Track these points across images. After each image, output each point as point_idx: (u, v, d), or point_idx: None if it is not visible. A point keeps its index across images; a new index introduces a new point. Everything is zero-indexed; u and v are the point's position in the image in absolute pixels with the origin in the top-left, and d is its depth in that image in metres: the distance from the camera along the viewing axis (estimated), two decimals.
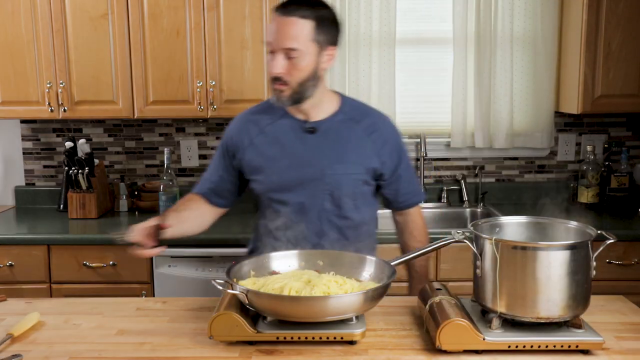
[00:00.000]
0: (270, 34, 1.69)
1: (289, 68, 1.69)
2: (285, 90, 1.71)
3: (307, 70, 1.70)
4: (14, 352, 1.43)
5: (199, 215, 1.91)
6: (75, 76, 2.84)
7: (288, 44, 1.67)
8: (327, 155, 1.79)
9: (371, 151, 1.81)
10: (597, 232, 1.45)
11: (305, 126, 1.80)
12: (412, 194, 1.95)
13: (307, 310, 1.40)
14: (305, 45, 1.68)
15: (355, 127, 1.81)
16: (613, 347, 1.43)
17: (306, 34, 1.68)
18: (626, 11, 2.78)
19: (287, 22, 1.67)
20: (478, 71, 3.10)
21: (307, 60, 1.69)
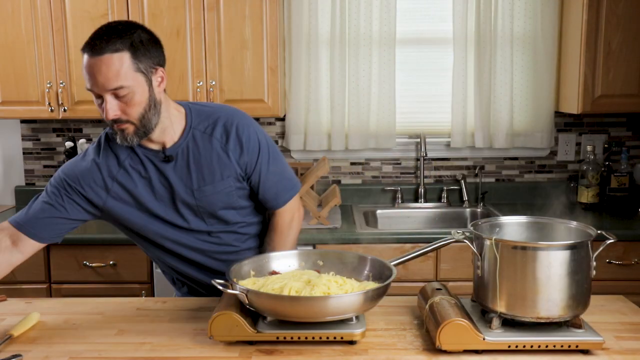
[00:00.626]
0: (88, 80, 1.52)
1: (123, 107, 1.54)
2: (128, 128, 1.57)
3: (143, 103, 1.56)
4: (14, 352, 1.43)
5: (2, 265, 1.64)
6: (75, 76, 2.84)
7: (112, 85, 1.50)
8: (194, 178, 1.68)
9: (233, 160, 1.70)
10: (597, 232, 1.45)
11: (161, 156, 1.67)
12: (276, 194, 1.80)
13: (307, 310, 1.40)
14: (131, 80, 1.53)
15: (211, 140, 1.69)
16: (613, 347, 1.43)
17: (126, 68, 1.52)
18: (626, 11, 2.78)
19: (102, 63, 1.50)
20: (478, 71, 3.10)
21: (139, 92, 1.55)
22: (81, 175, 1.67)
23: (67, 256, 2.64)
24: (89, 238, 2.64)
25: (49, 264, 2.65)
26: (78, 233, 2.69)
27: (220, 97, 2.83)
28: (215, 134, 1.70)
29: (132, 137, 1.58)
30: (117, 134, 1.58)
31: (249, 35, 2.80)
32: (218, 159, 1.69)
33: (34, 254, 1.68)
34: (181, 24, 2.80)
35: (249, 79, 2.83)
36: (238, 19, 2.79)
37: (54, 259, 2.65)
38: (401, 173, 3.28)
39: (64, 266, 2.65)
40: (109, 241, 2.63)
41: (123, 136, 1.58)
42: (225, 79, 2.83)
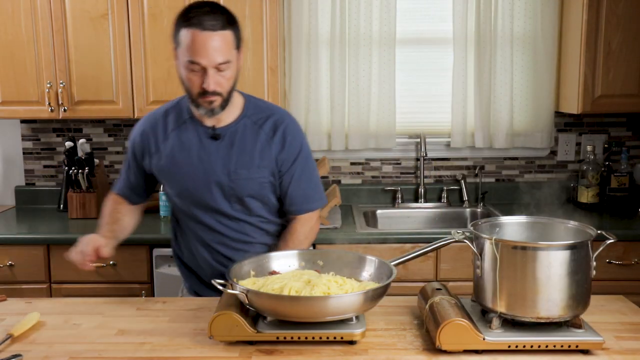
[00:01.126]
0: (196, 53, 1.65)
1: (220, 81, 1.70)
2: (216, 100, 1.72)
3: (233, 78, 1.74)
4: (14, 352, 1.43)
5: (127, 221, 1.96)
6: (75, 76, 2.84)
7: (221, 59, 1.67)
8: (232, 160, 1.80)
9: (274, 153, 1.82)
10: (597, 232, 1.45)
11: (210, 133, 1.81)
12: (301, 201, 1.89)
13: (307, 310, 1.40)
14: (233, 55, 1.71)
15: (259, 131, 1.83)
16: (613, 347, 1.43)
17: (230, 45, 1.70)
18: (626, 11, 2.78)
19: (215, 38, 1.65)
20: (478, 71, 3.10)
21: (233, 68, 1.72)
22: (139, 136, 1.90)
23: None
24: None
25: (49, 264, 2.65)
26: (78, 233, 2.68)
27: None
28: (264, 127, 1.83)
29: (218, 109, 1.73)
30: (202, 106, 1.72)
31: (249, 35, 2.80)
32: (261, 149, 1.81)
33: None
34: None
35: (249, 79, 2.82)
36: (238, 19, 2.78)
37: (54, 259, 2.65)
38: (401, 173, 3.28)
39: (64, 266, 2.64)
40: None
41: (210, 108, 1.72)
42: None
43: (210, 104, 1.72)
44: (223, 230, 1.85)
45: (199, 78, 1.69)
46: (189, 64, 1.68)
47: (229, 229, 1.86)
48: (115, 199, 1.99)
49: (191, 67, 1.68)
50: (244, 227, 1.86)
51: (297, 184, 1.85)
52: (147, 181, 1.95)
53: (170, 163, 1.83)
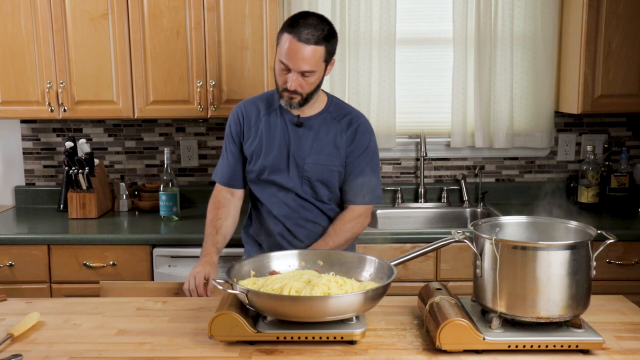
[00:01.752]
0: (287, 57, 1.89)
1: (302, 84, 1.93)
2: (295, 98, 1.96)
3: (316, 84, 1.98)
4: (14, 352, 1.43)
5: (228, 225, 2.15)
6: (75, 76, 2.84)
7: (306, 68, 1.90)
8: (309, 146, 2.04)
9: (344, 145, 2.06)
10: (597, 232, 1.45)
11: (295, 120, 2.05)
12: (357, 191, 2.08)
13: (307, 310, 1.40)
14: (318, 67, 1.93)
15: (336, 125, 2.07)
16: (613, 347, 1.43)
17: (319, 57, 1.92)
18: (626, 11, 2.78)
19: (305, 50, 1.88)
20: (478, 71, 3.10)
21: (317, 76, 1.95)
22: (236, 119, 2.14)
23: (67, 256, 2.64)
24: (89, 238, 2.64)
25: (49, 264, 2.65)
26: (78, 233, 2.69)
27: (220, 97, 2.83)
28: (341, 122, 2.07)
29: (296, 105, 1.98)
30: (284, 99, 1.97)
31: (249, 35, 2.80)
32: (334, 140, 2.05)
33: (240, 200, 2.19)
34: (181, 24, 2.80)
35: (249, 79, 2.83)
36: (238, 19, 2.79)
37: (54, 259, 2.65)
38: (401, 173, 3.28)
39: (64, 266, 2.65)
40: (109, 241, 2.63)
41: (289, 102, 1.97)
42: (225, 79, 2.83)
43: (290, 100, 1.96)
44: (292, 205, 2.07)
45: (285, 76, 1.93)
46: (280, 63, 1.93)
47: (296, 206, 2.07)
48: (216, 200, 2.16)
49: (282, 66, 1.92)
50: (309, 207, 2.08)
51: (357, 176, 2.07)
52: (244, 165, 2.14)
53: (259, 142, 2.07)
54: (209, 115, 2.85)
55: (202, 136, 3.24)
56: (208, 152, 3.25)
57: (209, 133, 3.23)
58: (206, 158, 3.25)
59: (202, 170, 3.27)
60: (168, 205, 2.88)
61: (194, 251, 2.62)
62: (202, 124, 3.22)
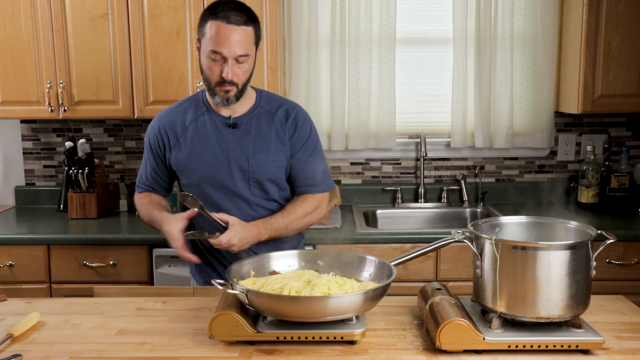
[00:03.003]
0: (218, 43, 1.78)
1: (237, 72, 1.82)
2: (232, 90, 1.84)
3: (249, 72, 1.87)
4: (14, 352, 1.43)
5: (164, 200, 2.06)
6: (75, 76, 2.84)
7: (241, 52, 1.80)
8: (250, 145, 1.92)
9: (287, 137, 1.95)
10: (597, 232, 1.45)
11: (227, 122, 1.93)
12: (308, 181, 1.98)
13: (307, 310, 1.40)
14: (251, 50, 1.84)
15: (273, 118, 1.95)
16: (613, 347, 1.43)
17: (251, 40, 1.83)
18: (626, 11, 2.78)
19: (237, 32, 1.79)
20: (478, 71, 3.10)
21: (251, 62, 1.86)
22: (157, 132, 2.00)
23: (67, 256, 2.64)
24: (89, 238, 2.64)
25: (49, 264, 2.65)
26: (78, 233, 2.69)
27: None
28: (277, 114, 1.96)
29: (233, 98, 1.86)
30: (219, 95, 1.85)
31: None
32: (276, 133, 1.94)
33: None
34: (181, 24, 2.80)
35: None
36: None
37: (54, 259, 2.65)
38: (401, 173, 3.28)
39: (64, 266, 2.65)
40: (109, 241, 2.63)
41: (226, 97, 1.85)
42: None
43: (227, 93, 1.84)
44: (240, 216, 1.89)
45: (219, 67, 1.81)
46: (211, 53, 1.80)
47: (246, 215, 1.92)
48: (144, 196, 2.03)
49: (213, 56, 1.80)
50: (260, 212, 1.95)
51: (305, 166, 1.97)
52: (165, 176, 2.04)
53: (191, 153, 1.93)
54: None
55: None
56: None
57: None
58: None
59: None
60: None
61: None
62: None
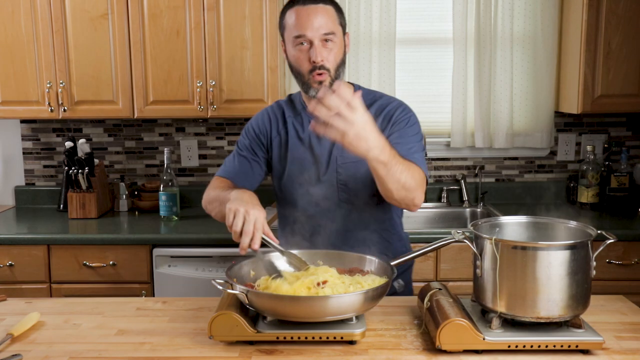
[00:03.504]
0: (301, 26, 1.72)
1: (327, 55, 1.74)
2: (326, 78, 1.75)
3: (340, 54, 1.78)
4: (14, 352, 1.43)
5: None
6: (75, 76, 2.84)
7: (325, 30, 1.73)
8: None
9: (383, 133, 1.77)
10: (597, 232, 1.45)
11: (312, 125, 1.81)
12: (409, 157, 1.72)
13: (307, 310, 1.40)
14: (337, 29, 1.76)
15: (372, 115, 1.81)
16: (613, 347, 1.43)
17: (334, 18, 1.76)
18: (626, 11, 2.78)
19: (317, 10, 1.73)
20: (478, 71, 3.10)
21: (339, 43, 1.77)
22: (256, 121, 1.94)
23: (67, 256, 2.64)
24: (89, 238, 2.64)
25: (49, 264, 2.65)
26: (78, 233, 2.69)
27: (220, 97, 2.83)
28: (372, 108, 1.83)
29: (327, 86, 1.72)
30: (313, 87, 1.76)
31: (249, 35, 2.80)
32: None
33: None
34: (181, 24, 2.80)
35: (249, 79, 2.83)
36: (238, 19, 2.79)
37: (54, 259, 2.65)
38: None
39: (64, 266, 2.65)
40: (109, 241, 2.63)
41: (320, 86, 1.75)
42: (225, 79, 2.83)
43: (321, 83, 1.75)
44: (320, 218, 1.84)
45: (306, 53, 1.74)
46: (295, 40, 1.74)
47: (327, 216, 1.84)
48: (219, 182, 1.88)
49: (298, 42, 1.74)
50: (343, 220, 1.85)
51: (404, 144, 1.76)
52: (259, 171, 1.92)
53: (286, 149, 1.88)
54: (209, 115, 2.85)
55: (202, 136, 3.24)
56: (208, 152, 3.25)
57: (209, 133, 3.23)
58: (206, 158, 3.25)
59: (202, 170, 3.27)
60: (168, 205, 2.88)
61: (194, 251, 2.63)
62: (202, 124, 3.22)
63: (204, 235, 2.64)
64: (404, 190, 1.61)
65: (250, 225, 1.49)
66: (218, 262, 2.63)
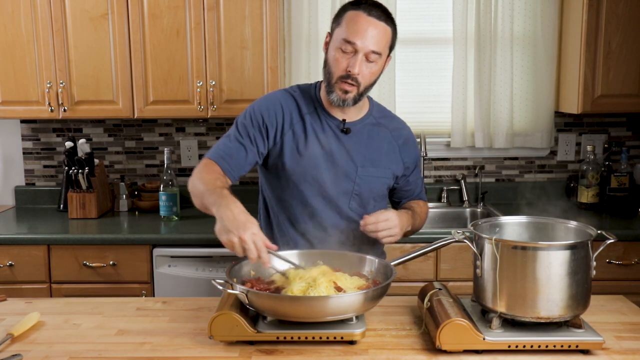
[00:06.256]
0: (355, 34, 1.68)
1: (365, 71, 1.72)
2: (352, 91, 1.73)
3: (376, 75, 1.77)
4: (14, 352, 1.43)
5: None
6: (75, 76, 2.84)
7: (374, 47, 1.70)
8: (361, 156, 1.82)
9: (398, 157, 1.88)
10: (597, 232, 1.45)
11: (341, 126, 1.82)
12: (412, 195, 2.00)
13: (307, 310, 1.40)
14: (384, 51, 1.74)
15: (385, 132, 1.87)
16: (613, 347, 1.43)
17: (387, 41, 1.73)
18: (626, 11, 2.78)
19: (377, 26, 1.70)
20: (478, 71, 3.10)
21: (379, 65, 1.75)
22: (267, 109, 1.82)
23: (67, 256, 2.64)
24: (89, 238, 2.64)
25: (49, 264, 2.65)
26: (78, 233, 2.69)
27: (220, 97, 2.83)
28: (390, 128, 1.89)
29: (350, 100, 1.74)
30: (337, 93, 1.73)
31: (249, 35, 2.80)
32: (387, 147, 1.86)
33: None
34: (181, 24, 2.80)
35: (249, 79, 2.83)
36: (238, 19, 2.79)
37: (54, 259, 2.65)
38: None
39: (64, 266, 2.65)
40: (109, 241, 2.63)
41: (344, 97, 1.73)
42: (225, 79, 2.83)
43: (345, 94, 1.73)
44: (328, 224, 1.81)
45: (347, 60, 1.71)
46: (343, 42, 1.70)
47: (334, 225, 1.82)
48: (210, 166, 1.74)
49: (344, 47, 1.70)
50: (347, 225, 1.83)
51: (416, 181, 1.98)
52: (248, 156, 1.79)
53: (304, 146, 1.79)
54: (209, 115, 2.85)
55: (202, 136, 3.24)
56: None
57: (209, 133, 3.23)
58: None
59: None
60: (168, 205, 2.88)
61: (194, 251, 2.62)
62: (202, 124, 3.22)
63: (204, 235, 2.64)
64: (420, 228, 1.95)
65: (252, 252, 1.43)
66: (218, 262, 2.63)
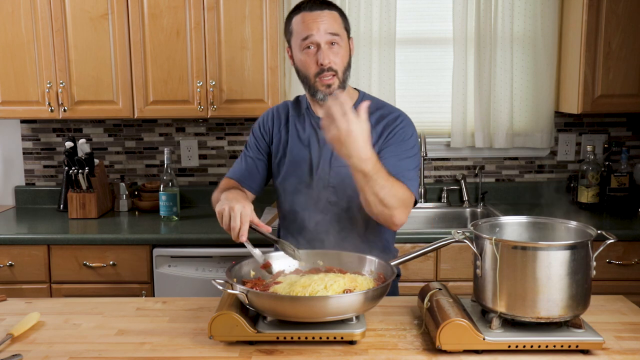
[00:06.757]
0: (308, 28, 1.77)
1: (334, 57, 1.79)
2: (334, 82, 1.80)
3: (346, 57, 1.83)
4: (14, 352, 1.43)
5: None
6: (75, 76, 2.84)
7: (330, 30, 1.77)
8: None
9: (375, 140, 1.81)
10: (597, 232, 1.45)
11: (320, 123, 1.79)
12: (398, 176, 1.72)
13: (307, 311, 1.40)
14: (342, 32, 1.82)
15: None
16: (613, 347, 1.43)
17: (339, 22, 1.82)
18: (626, 11, 2.78)
19: (323, 15, 1.78)
20: (478, 71, 3.10)
21: (345, 47, 1.82)
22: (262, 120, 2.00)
23: (67, 256, 2.64)
24: (89, 238, 2.64)
25: (49, 264, 2.65)
26: (78, 233, 2.69)
27: (220, 97, 2.83)
28: (373, 116, 1.84)
29: (335, 89, 1.79)
30: (321, 90, 1.80)
31: (249, 35, 2.80)
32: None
33: None
34: (181, 24, 2.80)
35: (249, 79, 2.83)
36: (238, 19, 2.79)
37: (54, 259, 2.65)
38: None
39: (64, 266, 2.65)
40: (109, 241, 2.63)
41: (328, 90, 1.79)
42: (225, 79, 2.83)
43: (328, 87, 1.79)
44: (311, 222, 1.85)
45: (314, 57, 1.78)
46: (302, 43, 1.79)
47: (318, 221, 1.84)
48: (226, 181, 1.94)
49: (305, 45, 1.78)
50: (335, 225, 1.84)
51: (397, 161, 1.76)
52: (263, 169, 1.97)
53: (285, 148, 1.92)
54: (209, 115, 2.85)
55: (202, 136, 3.24)
56: (208, 152, 3.25)
57: (209, 133, 3.23)
58: (206, 158, 3.25)
59: (202, 170, 3.27)
60: (168, 205, 2.88)
61: (194, 251, 2.63)
62: (202, 124, 3.22)
63: (204, 235, 2.64)
64: (381, 205, 1.63)
65: (236, 221, 1.55)
66: (218, 262, 2.63)
